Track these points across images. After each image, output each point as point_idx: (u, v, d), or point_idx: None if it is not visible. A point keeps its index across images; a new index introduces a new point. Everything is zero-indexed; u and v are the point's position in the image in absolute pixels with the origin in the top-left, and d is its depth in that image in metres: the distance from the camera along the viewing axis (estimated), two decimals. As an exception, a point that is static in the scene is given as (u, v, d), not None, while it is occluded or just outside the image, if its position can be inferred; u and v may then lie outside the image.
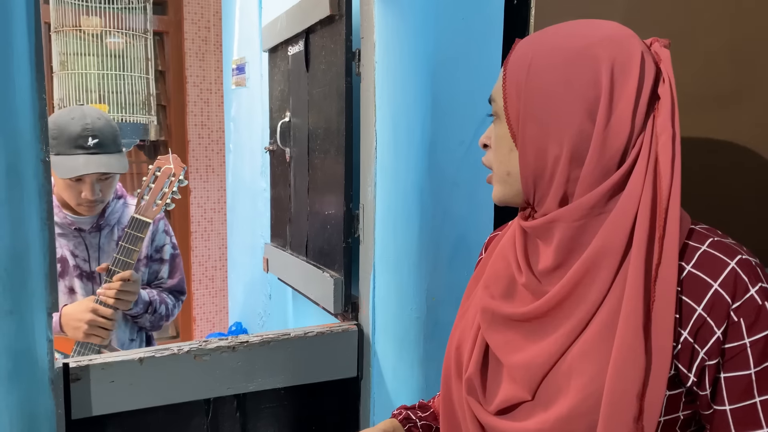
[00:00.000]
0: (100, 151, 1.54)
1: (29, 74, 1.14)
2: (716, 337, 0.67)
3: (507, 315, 0.80)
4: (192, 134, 3.29)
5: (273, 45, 2.04)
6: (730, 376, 0.68)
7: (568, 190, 0.74)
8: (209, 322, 3.44)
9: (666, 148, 0.69)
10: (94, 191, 1.54)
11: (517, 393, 0.77)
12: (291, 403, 1.52)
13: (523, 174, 0.76)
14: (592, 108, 0.70)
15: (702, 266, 0.69)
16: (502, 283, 0.82)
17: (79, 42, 2.74)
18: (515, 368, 0.78)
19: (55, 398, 1.22)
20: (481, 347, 0.83)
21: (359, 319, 1.59)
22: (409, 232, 1.44)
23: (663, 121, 0.70)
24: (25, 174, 1.14)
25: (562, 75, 0.71)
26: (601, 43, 0.71)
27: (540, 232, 0.77)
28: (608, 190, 0.71)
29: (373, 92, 1.46)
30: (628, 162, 0.71)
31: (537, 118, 0.73)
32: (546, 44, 0.74)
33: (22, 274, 1.14)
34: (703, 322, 0.68)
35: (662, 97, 0.71)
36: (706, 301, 0.68)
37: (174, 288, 1.79)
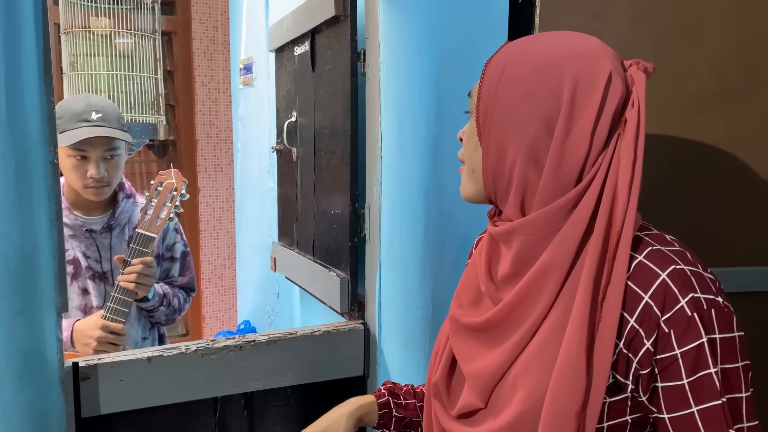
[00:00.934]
0: (104, 124, 1.57)
1: (37, 77, 1.15)
2: (646, 348, 0.69)
3: (468, 324, 0.82)
4: (200, 134, 3.30)
5: (279, 45, 2.05)
6: (666, 386, 0.69)
7: (526, 196, 0.75)
8: (218, 320, 3.46)
9: (625, 171, 0.70)
10: (98, 169, 1.57)
11: (473, 400, 0.80)
12: (298, 401, 1.53)
13: (485, 173, 0.78)
14: (551, 120, 0.72)
15: (635, 278, 0.70)
16: (471, 291, 0.85)
17: (88, 43, 2.76)
18: (471, 376, 0.81)
19: (65, 397, 1.24)
20: (449, 354, 0.87)
21: (365, 318, 1.60)
22: (414, 231, 1.44)
23: (626, 145, 0.70)
24: (35, 176, 1.15)
25: (528, 83, 0.73)
26: (570, 59, 0.72)
27: (503, 239, 0.79)
28: (563, 206, 0.72)
29: (378, 92, 1.47)
30: (585, 180, 0.72)
31: (500, 121, 0.75)
32: (522, 51, 0.76)
33: (32, 274, 1.15)
34: (636, 333, 0.69)
35: (629, 120, 0.71)
36: (637, 313, 0.69)
37: (185, 285, 1.82)
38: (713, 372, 0.67)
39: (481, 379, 0.79)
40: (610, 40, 1.31)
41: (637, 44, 1.27)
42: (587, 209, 0.71)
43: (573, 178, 0.72)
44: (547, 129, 0.72)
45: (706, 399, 0.67)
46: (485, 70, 0.78)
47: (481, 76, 0.78)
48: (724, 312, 0.68)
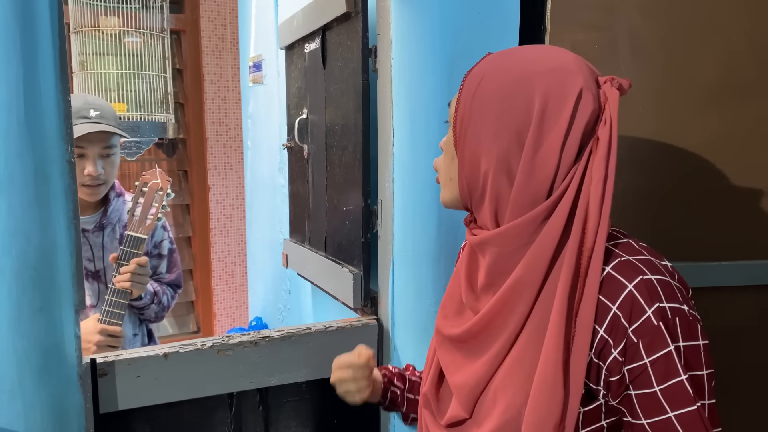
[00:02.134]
0: (103, 121, 1.59)
1: (54, 76, 1.16)
2: (613, 357, 0.71)
3: (449, 335, 0.84)
4: (210, 131, 3.31)
5: (289, 42, 2.06)
6: (639, 393, 0.71)
7: (499, 207, 0.77)
8: (230, 317, 3.48)
9: (597, 188, 0.71)
10: (96, 166, 1.59)
11: (459, 411, 0.82)
12: (312, 396, 1.54)
13: (460, 181, 0.80)
14: (521, 134, 0.73)
15: (604, 289, 0.72)
16: (455, 301, 0.87)
17: (97, 42, 2.78)
18: (456, 388, 0.83)
19: (84, 393, 1.25)
20: (437, 365, 0.89)
21: (378, 314, 1.61)
22: (427, 226, 1.45)
23: (598, 162, 0.71)
24: (52, 174, 1.16)
25: (501, 97, 0.75)
26: (543, 74, 0.74)
27: (479, 248, 0.81)
28: (533, 220, 0.73)
29: (390, 88, 1.47)
30: (554, 195, 0.73)
31: (474, 132, 0.77)
32: (498, 65, 0.77)
33: (51, 272, 1.17)
34: (605, 342, 0.71)
35: (600, 138, 0.72)
36: (606, 323, 0.71)
37: (172, 282, 1.85)
38: (684, 379, 0.68)
39: (465, 390, 0.81)
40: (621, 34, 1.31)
41: (649, 38, 1.26)
42: (558, 224, 0.72)
43: (543, 191, 0.73)
44: (518, 142, 0.73)
45: (682, 405, 0.68)
46: (464, 81, 0.80)
47: (460, 86, 0.80)
48: (689, 320, 0.70)
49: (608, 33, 1.32)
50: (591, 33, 1.30)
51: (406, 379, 1.11)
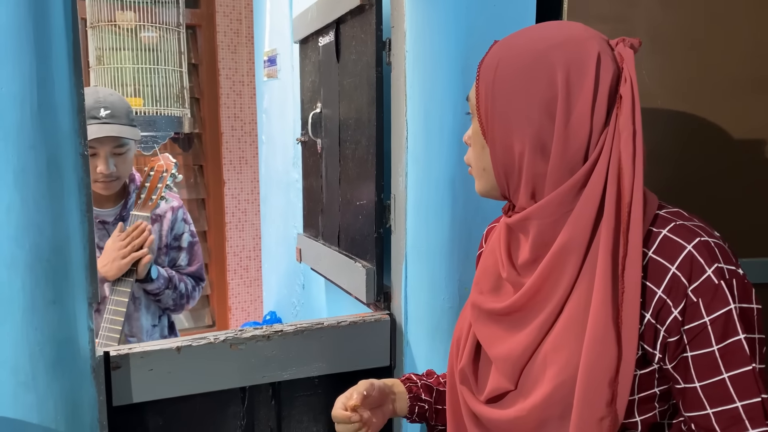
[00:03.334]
0: (113, 121, 1.60)
1: (67, 69, 1.16)
2: (673, 317, 0.72)
3: (490, 310, 0.85)
4: (225, 126, 3.32)
5: (303, 36, 2.05)
6: (695, 354, 0.72)
7: (537, 185, 0.78)
8: (244, 311, 3.49)
9: (627, 145, 0.72)
10: (108, 165, 1.60)
11: (502, 383, 0.83)
12: (325, 391, 1.53)
13: (495, 169, 0.81)
14: (550, 108, 0.75)
15: (661, 251, 0.73)
16: (491, 278, 0.87)
17: (114, 37, 2.79)
18: (498, 360, 0.83)
19: (97, 386, 1.26)
20: (473, 340, 0.89)
21: (391, 309, 1.60)
22: (440, 221, 1.43)
23: (624, 120, 0.73)
24: (65, 167, 1.16)
25: (522, 77, 0.76)
26: (558, 47, 0.75)
27: (519, 227, 0.81)
28: (573, 186, 0.75)
29: (404, 82, 1.46)
30: (591, 159, 0.74)
31: (502, 117, 0.78)
32: (511, 47, 0.79)
33: (64, 264, 1.17)
34: (663, 303, 0.73)
35: (624, 96, 0.74)
36: (665, 284, 0.72)
37: (194, 274, 1.85)
38: (742, 338, 0.70)
39: (509, 361, 0.81)
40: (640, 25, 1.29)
41: (668, 30, 1.24)
42: (598, 186, 0.74)
43: (579, 158, 0.75)
44: (549, 117, 0.75)
45: (738, 365, 0.70)
46: (479, 71, 0.82)
47: (477, 77, 0.82)
48: (745, 283, 0.72)
49: (626, 25, 1.29)
50: (609, 25, 1.28)
51: (433, 390, 1.07)
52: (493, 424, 0.85)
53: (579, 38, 0.76)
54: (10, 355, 1.12)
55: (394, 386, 1.05)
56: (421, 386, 1.06)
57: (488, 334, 0.86)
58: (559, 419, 0.76)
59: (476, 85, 0.82)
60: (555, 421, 0.76)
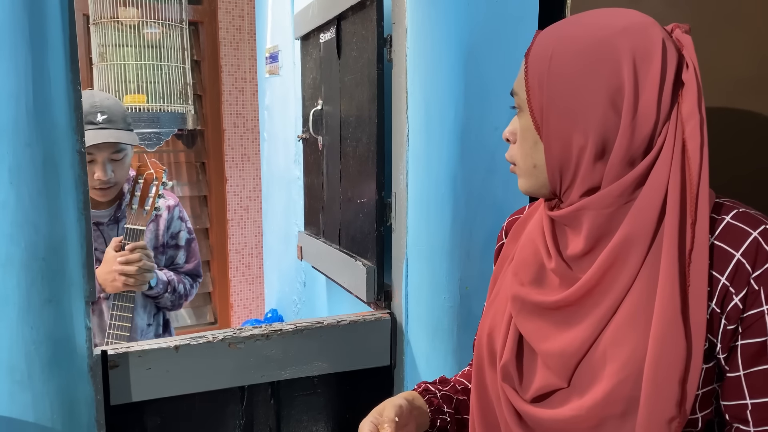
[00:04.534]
0: (110, 126, 1.58)
1: (64, 66, 1.15)
2: (734, 303, 0.70)
3: (537, 303, 0.80)
4: (227, 123, 3.31)
5: (305, 33, 2.04)
6: (746, 342, 0.70)
7: (594, 178, 0.74)
8: (246, 308, 3.48)
9: (695, 134, 0.69)
10: (105, 171, 1.58)
11: (552, 380, 0.78)
12: (324, 391, 1.52)
13: (549, 165, 0.76)
14: (615, 98, 0.71)
15: (725, 237, 0.71)
16: (531, 269, 0.82)
17: (117, 33, 2.78)
18: (549, 356, 0.78)
19: (94, 385, 1.25)
20: (515, 335, 0.83)
21: (392, 308, 1.59)
22: (441, 220, 1.42)
23: (690, 107, 0.70)
24: (62, 165, 1.15)
25: (584, 66, 0.72)
26: (622, 34, 0.71)
27: (568, 220, 0.77)
28: (636, 179, 0.71)
29: (405, 78, 1.44)
30: (654, 150, 0.71)
31: (560, 110, 0.73)
32: (567, 36, 0.74)
33: (61, 263, 1.16)
34: (726, 290, 0.70)
35: (687, 83, 0.71)
36: (729, 271, 0.70)
37: (191, 272, 1.84)
38: None
39: (563, 358, 0.76)
40: (644, 22, 1.27)
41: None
42: (663, 177, 0.71)
43: (642, 150, 0.72)
44: (613, 108, 0.71)
45: None
46: (527, 62, 0.76)
47: (525, 70, 0.77)
48: None
49: (630, 21, 1.27)
50: (612, 21, 1.26)
51: (453, 399, 1.01)
52: (543, 425, 0.80)
53: (641, 24, 0.72)
54: (6, 354, 1.11)
55: (414, 400, 0.97)
56: (441, 397, 0.99)
57: (534, 329, 0.81)
58: (620, 418, 0.72)
59: (525, 77, 0.77)
60: (615, 420, 0.72)
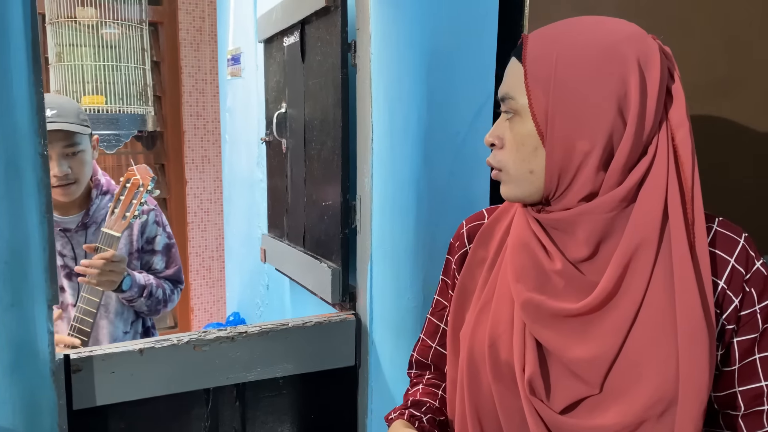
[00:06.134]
0: (59, 119, 1.55)
1: (27, 68, 1.14)
2: (734, 305, 0.75)
3: (556, 310, 0.77)
4: (187, 125, 3.28)
5: (268, 36, 2.04)
6: (741, 339, 0.76)
7: (595, 182, 0.75)
8: (207, 312, 3.45)
9: (685, 141, 0.73)
10: (60, 166, 1.55)
11: (582, 389, 0.77)
12: (290, 392, 1.53)
13: (549, 170, 0.76)
14: (622, 104, 0.72)
15: (719, 244, 0.76)
16: (532, 274, 0.81)
17: (74, 33, 2.73)
18: (578, 364, 0.76)
19: (57, 389, 1.24)
20: (533, 345, 0.80)
21: (357, 309, 1.61)
22: (405, 222, 1.45)
23: (679, 116, 0.73)
24: (24, 168, 1.14)
25: (593, 72, 0.72)
26: (627, 40, 0.72)
27: (566, 224, 0.77)
28: (634, 184, 0.73)
29: (369, 83, 1.47)
30: (649, 155, 0.73)
31: (567, 115, 0.73)
32: (571, 40, 0.74)
33: (23, 267, 1.15)
34: (725, 294, 0.75)
35: (675, 92, 0.74)
36: (726, 276, 0.75)
37: (171, 277, 1.80)
38: None
39: (593, 365, 0.75)
40: (599, 31, 1.32)
41: (626, 36, 1.27)
42: (661, 181, 0.73)
43: (638, 156, 0.74)
44: (620, 113, 0.72)
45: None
46: (526, 66, 0.75)
47: (524, 75, 0.75)
48: None
49: (586, 31, 1.32)
50: (569, 30, 1.31)
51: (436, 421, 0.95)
52: None
53: (640, 33, 0.74)
54: (-33, 359, 1.09)
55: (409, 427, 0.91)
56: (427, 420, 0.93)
57: (554, 337, 0.78)
58: (657, 419, 0.73)
59: (526, 82, 0.75)
60: (652, 421, 0.73)
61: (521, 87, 0.76)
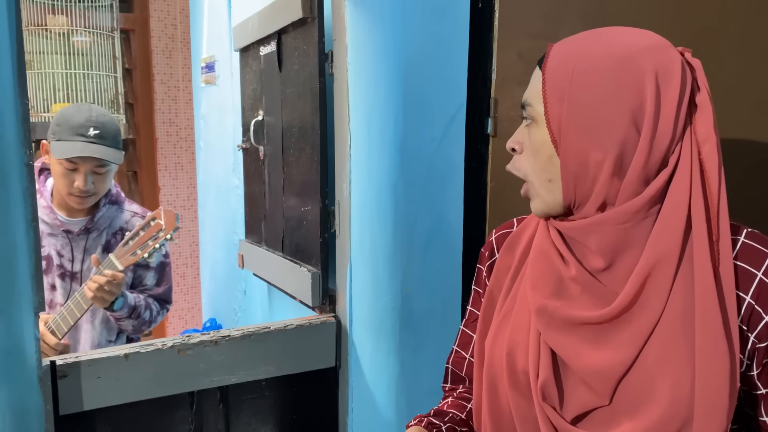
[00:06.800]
0: (99, 142, 1.59)
1: (11, 78, 1.16)
2: (765, 322, 0.72)
3: (570, 318, 0.78)
4: (160, 132, 3.29)
5: (244, 45, 2.08)
6: None
7: (609, 195, 0.75)
8: (182, 319, 3.45)
9: (712, 154, 0.72)
10: (86, 182, 1.59)
11: (592, 399, 0.77)
12: (272, 393, 1.57)
13: (564, 179, 0.76)
14: (637, 116, 0.72)
15: (744, 257, 0.74)
16: (549, 281, 0.81)
17: (45, 41, 2.73)
18: (588, 373, 0.76)
19: (44, 395, 1.26)
20: (548, 352, 0.80)
21: (337, 311, 1.65)
22: (383, 226, 1.50)
23: (706, 129, 0.73)
24: (10, 177, 1.16)
25: (608, 83, 0.72)
26: (645, 52, 0.73)
27: (582, 233, 0.78)
28: (652, 196, 0.73)
29: (346, 92, 1.52)
30: (669, 167, 0.73)
31: (581, 125, 0.74)
32: (588, 51, 0.75)
33: (10, 274, 1.17)
34: (752, 309, 0.73)
35: (701, 105, 0.73)
36: (753, 290, 0.73)
37: (160, 297, 1.80)
38: None
39: (604, 376, 0.75)
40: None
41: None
42: (683, 194, 0.72)
43: (657, 167, 0.73)
44: (634, 124, 0.72)
45: None
46: (545, 75, 0.76)
47: (543, 82, 0.76)
48: None
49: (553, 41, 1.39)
50: (536, 41, 1.37)
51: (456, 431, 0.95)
52: None
53: (661, 45, 0.74)
54: (-44, 366, 1.11)
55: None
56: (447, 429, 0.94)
57: (566, 344, 0.78)
58: None
59: (543, 90, 0.76)
60: None
61: (540, 95, 0.77)
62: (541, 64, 0.79)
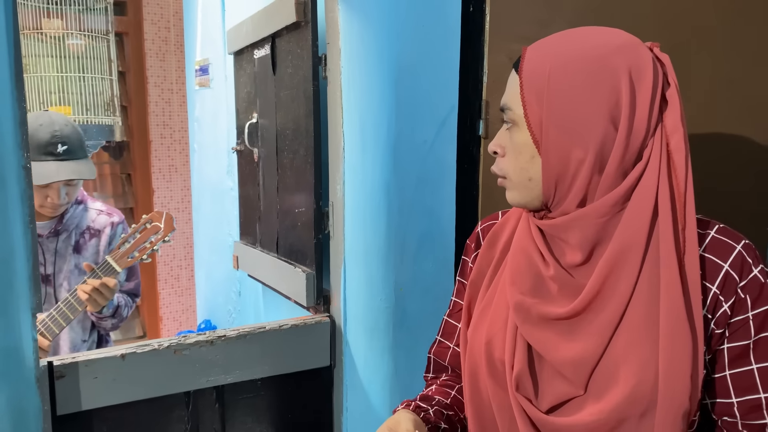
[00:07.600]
0: (69, 157, 1.59)
1: (9, 82, 1.17)
2: (723, 310, 0.76)
3: (543, 314, 0.81)
4: (154, 134, 3.30)
5: (238, 48, 2.09)
6: (732, 345, 0.76)
7: (590, 189, 0.77)
8: (176, 321, 3.46)
9: (679, 146, 0.75)
10: (60, 197, 1.60)
11: (568, 389, 0.80)
12: (267, 393, 1.59)
13: (546, 178, 0.78)
14: (614, 113, 0.74)
15: (713, 250, 0.77)
16: (528, 277, 0.83)
17: (39, 44, 2.73)
18: (565, 365, 0.79)
19: (41, 395, 1.27)
20: (524, 344, 0.83)
21: (331, 311, 1.67)
22: (377, 227, 1.52)
23: (674, 122, 0.75)
24: (8, 180, 1.17)
25: (584, 84, 0.74)
26: (618, 51, 0.75)
27: (560, 230, 0.80)
28: (628, 188, 0.76)
29: (339, 95, 1.54)
30: (643, 161, 0.76)
31: (560, 125, 0.75)
32: (563, 53, 0.76)
33: (8, 276, 1.18)
34: (717, 299, 0.76)
35: (670, 99, 0.76)
36: (719, 281, 0.76)
37: (131, 291, 1.85)
38: None
39: (579, 366, 0.78)
40: (555, 46, 1.41)
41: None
42: (652, 185, 0.75)
43: (633, 161, 0.76)
44: (612, 121, 0.74)
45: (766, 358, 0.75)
46: (522, 78, 0.78)
47: (520, 85, 0.78)
48: None
49: (543, 45, 1.41)
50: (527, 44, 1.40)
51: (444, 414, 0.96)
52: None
53: (633, 43, 0.76)
54: (-45, 366, 1.12)
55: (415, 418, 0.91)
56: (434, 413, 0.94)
57: (542, 338, 0.81)
58: (639, 418, 0.75)
59: (521, 93, 0.77)
60: (634, 420, 0.75)
61: (518, 98, 0.78)
62: (517, 67, 0.81)
